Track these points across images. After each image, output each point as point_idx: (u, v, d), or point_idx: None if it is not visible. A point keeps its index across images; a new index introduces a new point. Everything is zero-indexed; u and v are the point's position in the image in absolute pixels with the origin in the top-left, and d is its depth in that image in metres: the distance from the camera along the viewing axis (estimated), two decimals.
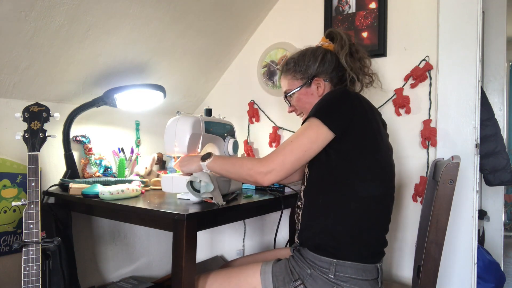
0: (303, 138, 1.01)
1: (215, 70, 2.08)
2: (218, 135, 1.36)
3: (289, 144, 1.02)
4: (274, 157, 1.02)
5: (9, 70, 1.33)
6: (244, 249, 2.08)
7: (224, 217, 1.23)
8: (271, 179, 1.01)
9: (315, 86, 1.20)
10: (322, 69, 1.19)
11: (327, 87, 1.20)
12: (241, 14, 1.86)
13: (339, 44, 1.20)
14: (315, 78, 1.19)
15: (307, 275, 0.99)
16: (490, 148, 1.80)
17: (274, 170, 1.00)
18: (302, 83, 1.21)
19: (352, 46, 1.21)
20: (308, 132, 1.01)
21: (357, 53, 1.21)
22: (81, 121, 1.64)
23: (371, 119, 1.06)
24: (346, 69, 1.18)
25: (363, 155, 1.02)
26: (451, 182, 0.98)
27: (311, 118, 1.03)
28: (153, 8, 1.50)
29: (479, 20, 1.42)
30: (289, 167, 1.01)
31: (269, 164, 1.01)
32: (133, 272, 1.91)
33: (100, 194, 1.25)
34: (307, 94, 1.21)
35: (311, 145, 1.01)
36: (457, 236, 1.43)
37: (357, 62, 1.21)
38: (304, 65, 1.20)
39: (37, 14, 1.23)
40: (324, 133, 1.00)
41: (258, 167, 1.02)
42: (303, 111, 1.25)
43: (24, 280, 1.05)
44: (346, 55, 1.18)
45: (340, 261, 0.98)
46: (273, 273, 1.04)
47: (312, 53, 1.21)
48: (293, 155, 1.01)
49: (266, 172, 1.01)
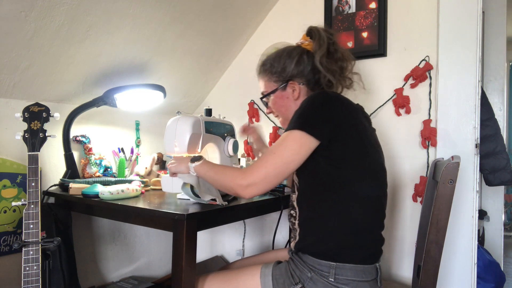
0: (286, 150, 0.96)
1: (215, 70, 2.08)
2: (218, 135, 1.36)
3: (272, 157, 0.97)
4: (256, 170, 0.97)
5: (9, 70, 1.33)
6: (244, 249, 2.08)
7: (224, 217, 1.23)
8: (252, 192, 0.97)
9: (290, 89, 1.16)
10: (297, 71, 1.14)
11: (303, 90, 1.15)
12: (241, 14, 1.86)
13: (317, 43, 1.13)
14: (290, 81, 1.15)
15: (308, 279, 0.98)
16: (490, 148, 1.80)
17: (256, 184, 0.96)
18: (277, 85, 1.17)
19: (331, 45, 1.14)
20: (291, 144, 0.97)
21: (336, 53, 1.14)
22: (81, 121, 1.64)
23: (356, 120, 1.03)
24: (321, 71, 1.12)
25: (353, 159, 1.00)
26: (451, 182, 0.98)
27: (293, 130, 0.97)
28: (153, 8, 1.50)
29: (479, 20, 1.42)
30: (271, 181, 0.96)
31: (250, 176, 0.96)
32: (133, 272, 1.91)
33: (100, 194, 1.25)
34: (283, 98, 1.17)
35: (294, 157, 0.96)
36: (457, 236, 1.43)
37: (335, 63, 1.14)
38: (279, 67, 1.16)
39: (37, 14, 1.23)
40: (308, 143, 0.96)
41: (239, 179, 0.98)
42: (279, 114, 1.22)
43: (24, 280, 1.05)
44: (322, 56, 1.11)
45: (339, 264, 0.97)
46: (273, 276, 1.03)
47: (288, 54, 1.16)
48: (276, 168, 0.96)
49: (246, 185, 0.96)
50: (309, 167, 1.01)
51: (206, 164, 1.08)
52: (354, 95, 1.68)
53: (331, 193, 1.00)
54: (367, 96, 1.66)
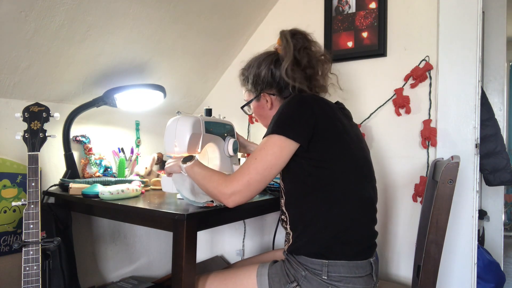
0: (267, 155, 0.97)
1: (215, 70, 2.08)
2: (218, 135, 1.36)
3: (254, 163, 0.97)
4: (239, 177, 0.97)
5: (9, 70, 1.33)
6: (244, 249, 2.08)
7: (224, 217, 1.23)
8: (235, 201, 0.97)
9: (264, 100, 1.19)
10: (266, 83, 1.16)
11: (276, 100, 1.18)
12: (241, 14, 1.86)
13: (284, 51, 1.12)
14: (261, 93, 1.18)
15: (302, 277, 0.98)
16: (490, 148, 1.80)
17: (239, 192, 0.96)
18: (253, 96, 1.21)
19: (298, 52, 1.10)
20: (271, 148, 0.97)
21: (302, 60, 1.11)
22: (81, 121, 1.64)
23: (334, 120, 1.03)
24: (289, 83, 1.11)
25: (335, 157, 1.00)
26: (451, 182, 0.99)
27: (272, 134, 0.98)
28: (153, 8, 1.50)
29: (479, 20, 1.42)
30: (255, 187, 0.97)
31: (233, 185, 0.97)
32: (133, 272, 1.91)
33: (100, 194, 1.25)
34: (259, 107, 1.21)
35: (276, 161, 0.97)
36: (457, 236, 1.43)
37: (301, 71, 1.11)
38: (251, 77, 1.19)
39: (37, 14, 1.23)
40: (288, 146, 0.97)
41: (222, 187, 0.98)
42: (261, 122, 1.26)
43: (24, 280, 1.05)
44: (288, 65, 1.09)
45: (331, 261, 0.97)
46: (269, 275, 1.03)
47: (258, 64, 1.18)
48: (258, 174, 0.96)
49: (230, 193, 0.96)
50: (292, 171, 1.02)
51: (197, 165, 1.08)
52: (355, 95, 1.69)
53: (316, 193, 1.00)
54: (367, 96, 1.66)
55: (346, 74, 1.70)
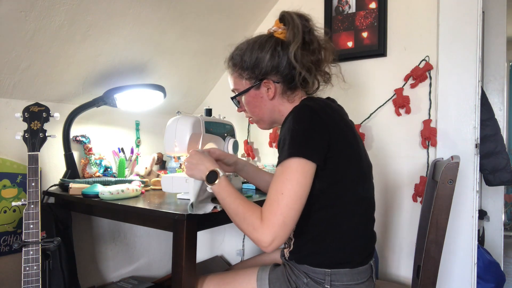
0: (294, 185, 0.86)
1: (215, 70, 2.08)
2: (218, 135, 1.36)
3: (283, 198, 0.86)
4: (273, 219, 0.85)
5: (9, 70, 1.33)
6: (244, 249, 2.08)
7: (224, 217, 1.22)
8: (276, 246, 0.87)
9: (264, 88, 1.03)
10: (271, 67, 1.01)
11: (279, 89, 1.03)
12: (241, 14, 1.86)
13: (291, 32, 1.00)
14: (264, 80, 1.02)
15: (304, 284, 0.97)
16: (490, 148, 1.80)
17: (278, 238, 0.85)
18: (250, 84, 1.04)
19: (307, 34, 1.01)
20: (295, 176, 0.86)
21: (311, 43, 1.01)
22: (81, 121, 1.64)
23: (346, 132, 0.97)
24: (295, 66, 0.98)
25: (346, 171, 0.96)
26: (451, 182, 0.98)
27: (291, 158, 0.87)
28: (153, 8, 1.50)
29: (479, 20, 1.42)
30: (290, 225, 0.86)
31: (270, 230, 0.85)
32: (133, 272, 1.91)
33: (100, 194, 1.25)
34: (256, 97, 1.05)
35: (304, 189, 0.87)
36: (457, 236, 1.43)
37: (310, 55, 1.00)
38: (250, 62, 1.02)
39: (37, 14, 1.23)
40: (309, 169, 0.88)
41: (259, 235, 0.86)
42: (252, 115, 1.11)
43: (24, 280, 1.05)
44: (297, 48, 0.98)
45: (334, 270, 0.95)
46: (270, 280, 1.01)
47: (260, 46, 1.02)
48: (292, 210, 0.85)
49: (271, 241, 0.85)
50: None
51: (224, 188, 0.96)
52: (355, 95, 1.69)
53: (326, 208, 0.96)
54: (367, 96, 1.66)
55: (346, 74, 1.69)
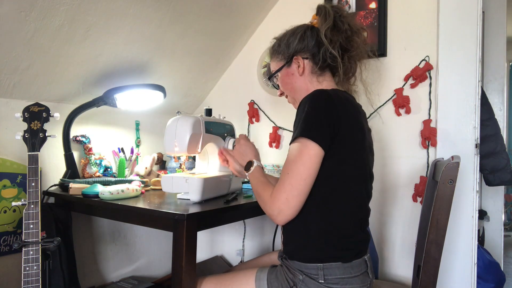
0: (298, 166, 0.93)
1: (215, 70, 2.08)
2: (218, 135, 1.36)
3: (287, 178, 0.94)
4: (278, 195, 0.95)
5: (9, 70, 1.33)
6: (244, 249, 2.08)
7: (224, 217, 1.23)
8: (283, 220, 0.96)
9: (295, 65, 1.14)
10: (301, 46, 1.13)
11: (308, 65, 1.14)
12: (241, 14, 1.86)
13: (323, 18, 1.12)
14: (294, 56, 1.14)
15: (300, 281, 0.98)
16: (490, 148, 1.80)
17: (282, 212, 0.94)
18: (283, 63, 1.17)
19: (338, 18, 1.12)
20: (301, 158, 0.93)
21: (343, 24, 1.11)
22: (81, 121, 1.64)
23: (355, 126, 1.01)
24: (324, 44, 1.09)
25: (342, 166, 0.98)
26: (451, 182, 0.98)
27: (298, 138, 0.95)
28: (153, 8, 1.50)
29: (479, 20, 1.42)
30: (295, 203, 0.94)
31: (275, 204, 0.95)
32: (133, 272, 1.91)
33: (100, 194, 1.25)
34: (288, 75, 1.16)
35: (309, 171, 0.93)
36: (457, 236, 1.43)
37: (341, 34, 1.11)
38: (284, 45, 1.16)
39: (37, 14, 1.23)
40: (315, 153, 0.93)
41: (269, 207, 0.97)
42: (288, 94, 1.20)
43: (24, 280, 1.05)
44: (327, 28, 1.09)
45: (326, 264, 0.96)
46: (268, 280, 1.03)
47: (292, 31, 1.17)
48: (294, 189, 0.93)
49: (276, 214, 0.95)
50: None
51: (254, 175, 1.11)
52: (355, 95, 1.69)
53: (316, 201, 0.98)
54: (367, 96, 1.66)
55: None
